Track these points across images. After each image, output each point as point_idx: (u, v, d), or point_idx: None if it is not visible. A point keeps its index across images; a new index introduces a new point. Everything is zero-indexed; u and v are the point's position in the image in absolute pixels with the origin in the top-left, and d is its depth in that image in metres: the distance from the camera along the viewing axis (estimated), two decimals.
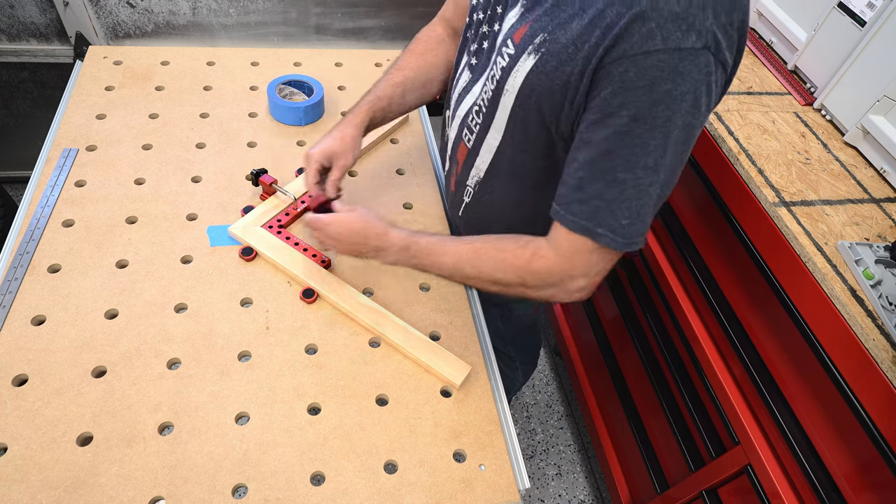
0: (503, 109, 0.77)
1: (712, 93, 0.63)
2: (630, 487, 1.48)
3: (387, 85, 0.98)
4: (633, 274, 1.42)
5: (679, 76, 0.59)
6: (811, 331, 0.91)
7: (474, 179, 0.91)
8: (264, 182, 1.05)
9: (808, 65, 1.27)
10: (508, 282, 0.77)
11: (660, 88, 0.60)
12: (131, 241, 0.98)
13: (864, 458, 0.85)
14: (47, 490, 0.71)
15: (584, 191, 0.68)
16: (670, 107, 0.61)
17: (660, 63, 0.59)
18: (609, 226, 0.68)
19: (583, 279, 0.73)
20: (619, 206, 0.67)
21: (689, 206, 1.23)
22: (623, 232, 0.68)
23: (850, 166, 1.10)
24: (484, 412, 0.86)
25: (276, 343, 0.89)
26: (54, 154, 1.09)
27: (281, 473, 0.76)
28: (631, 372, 1.45)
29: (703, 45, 0.59)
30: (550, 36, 0.66)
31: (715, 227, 1.15)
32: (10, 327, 0.85)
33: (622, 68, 0.60)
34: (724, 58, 0.62)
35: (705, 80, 0.61)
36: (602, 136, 0.65)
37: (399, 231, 0.83)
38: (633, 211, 0.67)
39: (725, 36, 0.61)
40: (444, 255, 0.80)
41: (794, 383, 0.97)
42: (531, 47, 0.69)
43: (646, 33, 0.58)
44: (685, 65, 0.59)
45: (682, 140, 0.65)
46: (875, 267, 0.89)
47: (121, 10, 1.44)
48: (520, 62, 0.70)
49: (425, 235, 0.83)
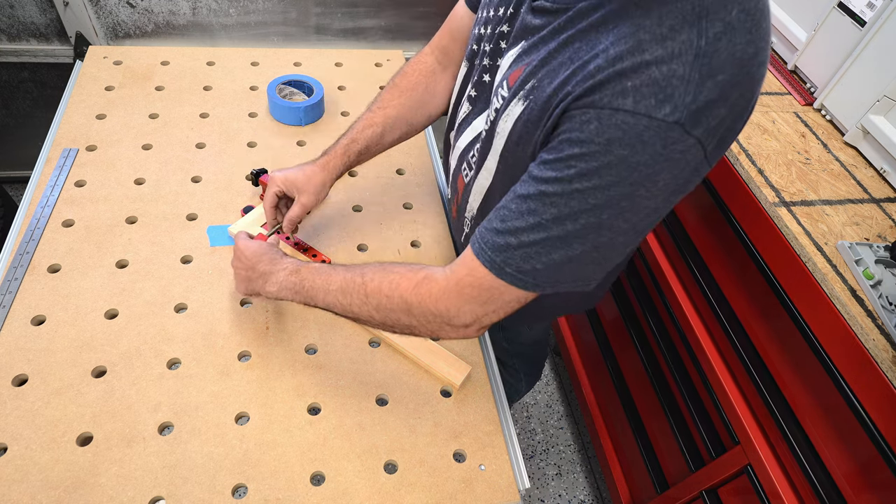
0: (494, 152, 0.74)
1: (678, 170, 0.56)
2: (630, 487, 1.48)
3: (365, 126, 0.95)
4: (633, 274, 1.42)
5: (640, 144, 0.54)
6: (811, 331, 0.91)
7: (470, 214, 0.88)
8: (264, 182, 1.05)
9: (808, 65, 1.27)
10: (393, 308, 0.71)
11: (615, 152, 0.55)
12: (131, 241, 0.98)
13: (864, 458, 0.85)
14: (47, 490, 0.71)
15: (505, 223, 0.63)
16: (620, 174, 0.56)
17: (623, 124, 0.54)
18: (517, 266, 0.63)
19: (470, 314, 0.67)
20: (535, 249, 0.62)
21: (689, 207, 1.23)
22: (534, 275, 0.63)
23: (850, 166, 1.10)
24: (484, 412, 0.86)
25: (276, 343, 0.89)
26: (54, 154, 1.09)
27: (281, 473, 0.76)
28: (631, 372, 1.45)
29: (675, 120, 0.53)
30: (539, 83, 0.63)
31: (715, 227, 1.15)
32: (10, 327, 0.85)
33: (585, 117, 0.56)
34: (702, 137, 0.55)
35: (670, 156, 0.55)
36: (544, 177, 0.60)
37: (294, 261, 0.81)
38: (550, 259, 0.62)
39: (707, 115, 0.54)
40: (334, 274, 0.76)
41: (794, 383, 0.97)
42: (522, 93, 0.66)
43: (619, 91, 0.54)
44: (649, 134, 0.54)
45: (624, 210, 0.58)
46: (875, 267, 0.89)
47: (121, 10, 1.44)
48: (510, 107, 0.68)
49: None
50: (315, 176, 0.92)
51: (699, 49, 0.53)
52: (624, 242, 0.63)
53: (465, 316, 0.68)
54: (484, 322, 0.69)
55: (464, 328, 0.69)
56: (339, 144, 0.95)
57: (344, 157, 0.95)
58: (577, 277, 0.64)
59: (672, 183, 0.58)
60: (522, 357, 1.30)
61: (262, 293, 0.82)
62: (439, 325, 0.70)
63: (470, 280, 0.66)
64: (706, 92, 0.53)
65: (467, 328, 0.69)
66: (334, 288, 0.75)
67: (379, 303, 0.71)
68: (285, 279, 0.79)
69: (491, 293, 0.66)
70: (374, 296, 0.72)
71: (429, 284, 0.68)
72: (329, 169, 0.94)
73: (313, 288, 0.77)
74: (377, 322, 0.74)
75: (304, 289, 0.78)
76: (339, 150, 0.94)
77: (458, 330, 0.70)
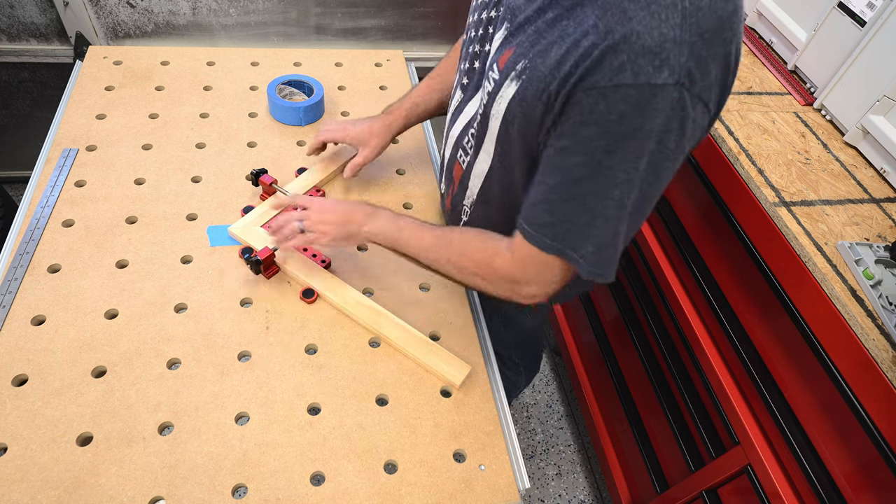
0: (491, 133, 0.76)
1: (686, 129, 0.61)
2: (630, 487, 1.48)
3: (427, 91, 1.04)
4: (633, 274, 1.42)
5: (650, 111, 0.58)
6: (811, 331, 0.91)
7: (469, 200, 0.90)
8: (264, 182, 1.05)
9: (808, 65, 1.27)
10: (471, 272, 0.79)
11: (630, 124, 0.59)
12: (131, 241, 0.98)
13: (864, 458, 0.85)
14: (47, 490, 0.71)
15: (554, 214, 0.67)
16: (639, 142, 0.60)
17: (629, 98, 0.57)
18: (578, 249, 0.68)
19: (535, 287, 0.75)
20: (588, 231, 0.66)
21: (689, 206, 1.23)
22: (589, 259, 0.68)
23: (850, 166, 1.10)
24: (484, 412, 0.86)
25: (276, 343, 0.89)
26: (54, 154, 1.09)
27: (281, 473, 0.76)
28: (631, 372, 1.45)
29: (675, 81, 0.57)
30: (531, 63, 0.65)
31: (715, 227, 1.15)
32: (10, 327, 0.85)
33: (592, 100, 0.59)
34: (700, 92, 0.59)
35: (678, 115, 0.59)
36: (572, 164, 0.64)
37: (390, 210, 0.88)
38: (599, 239, 0.67)
39: (702, 71, 0.58)
40: (426, 233, 0.83)
41: (794, 383, 0.97)
42: (513, 73, 0.68)
43: (617, 67, 0.57)
44: (656, 101, 0.57)
45: (650, 176, 0.63)
46: (875, 267, 0.89)
47: (121, 10, 1.44)
48: (503, 88, 0.70)
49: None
50: (380, 134, 1.03)
51: (684, 10, 0.56)
52: (651, 206, 0.69)
53: (532, 287, 0.75)
54: (549, 291, 0.76)
55: (532, 298, 0.77)
56: (402, 107, 1.04)
57: (406, 119, 1.04)
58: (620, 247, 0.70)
59: (683, 141, 0.62)
60: (521, 348, 1.31)
61: (359, 235, 0.86)
62: (508, 293, 0.78)
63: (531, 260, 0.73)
64: (698, 50, 0.57)
65: (535, 297, 0.77)
66: (426, 245, 0.82)
67: (461, 265, 0.80)
68: (386, 225, 0.85)
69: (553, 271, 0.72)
70: (455, 258, 0.80)
71: (499, 259, 0.76)
72: (392, 129, 1.04)
73: (409, 239, 0.83)
74: (456, 281, 0.83)
75: (401, 237, 0.84)
76: (403, 113, 1.03)
77: (525, 299, 0.77)
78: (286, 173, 1.13)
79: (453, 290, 1.00)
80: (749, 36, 1.41)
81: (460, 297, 1.00)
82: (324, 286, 0.95)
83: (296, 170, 1.14)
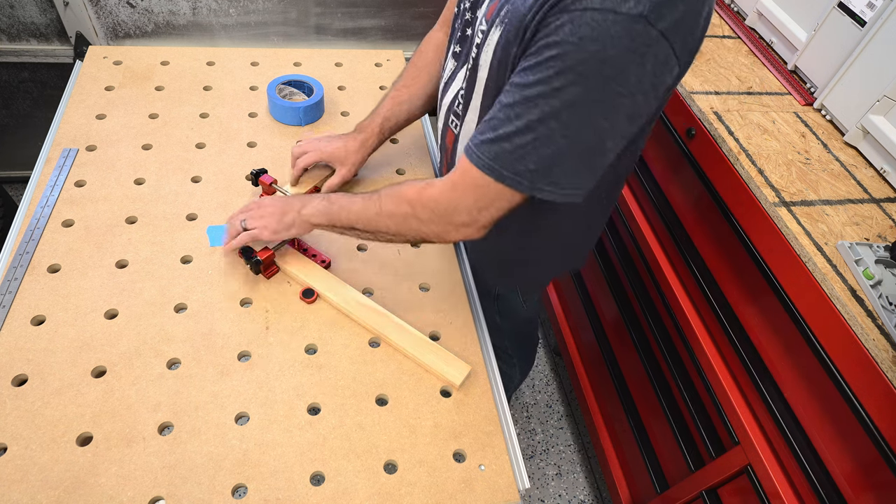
0: (479, 85, 0.78)
1: (646, 64, 0.61)
2: (630, 487, 1.48)
3: (394, 104, 1.05)
4: (633, 274, 1.42)
5: (609, 39, 0.59)
6: (811, 331, 0.91)
7: None
8: (264, 182, 1.05)
9: (808, 65, 1.27)
10: (403, 213, 0.80)
11: (588, 48, 0.60)
12: (131, 241, 0.98)
13: (864, 458, 0.85)
14: (47, 490, 0.71)
15: (496, 131, 0.68)
16: (594, 67, 0.61)
17: (592, 22, 0.59)
18: (514, 169, 0.68)
19: (466, 214, 0.75)
20: (527, 152, 0.67)
21: (689, 206, 1.23)
22: (529, 177, 0.68)
23: (850, 166, 1.10)
24: (484, 412, 0.86)
25: (276, 343, 0.89)
26: (54, 154, 1.09)
27: (281, 473, 0.76)
28: (631, 372, 1.45)
29: (639, 13, 0.58)
30: (512, 7, 0.68)
31: (715, 227, 1.15)
32: (10, 327, 0.85)
33: (558, 21, 0.61)
34: (665, 30, 0.60)
35: (639, 49, 0.60)
36: (525, 82, 0.65)
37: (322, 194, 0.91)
38: (542, 159, 0.67)
39: (669, 9, 0.59)
40: (356, 197, 0.85)
41: (793, 383, 0.97)
42: (497, 20, 0.70)
43: None
44: (616, 28, 0.58)
45: (602, 104, 0.64)
46: (875, 267, 0.89)
47: (121, 10, 1.44)
48: (489, 36, 0.72)
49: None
50: (356, 152, 1.05)
51: None
52: (608, 146, 0.68)
53: (462, 214, 0.75)
54: (481, 221, 0.76)
55: (465, 227, 0.77)
56: (374, 123, 1.05)
57: (380, 135, 1.06)
58: (568, 178, 0.70)
59: (645, 79, 0.63)
60: (516, 339, 1.32)
61: (297, 220, 0.89)
62: (443, 226, 0.78)
63: (463, 181, 0.73)
64: None
65: (468, 227, 0.77)
66: (356, 207, 0.84)
67: (391, 211, 0.80)
68: (318, 204, 0.88)
69: (485, 192, 0.72)
70: (386, 206, 0.81)
71: (429, 189, 0.77)
72: (367, 147, 1.06)
73: (340, 208, 0.85)
74: (393, 232, 0.82)
75: (332, 209, 0.86)
76: (375, 129, 1.05)
77: (459, 230, 0.77)
78: (286, 173, 1.13)
79: (453, 290, 1.00)
80: (749, 36, 1.41)
81: (460, 297, 1.00)
82: (324, 286, 0.95)
83: None
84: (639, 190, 1.42)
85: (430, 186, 0.77)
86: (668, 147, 1.28)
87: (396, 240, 0.85)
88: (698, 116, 1.17)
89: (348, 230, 0.87)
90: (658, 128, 1.31)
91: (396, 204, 0.80)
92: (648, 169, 1.38)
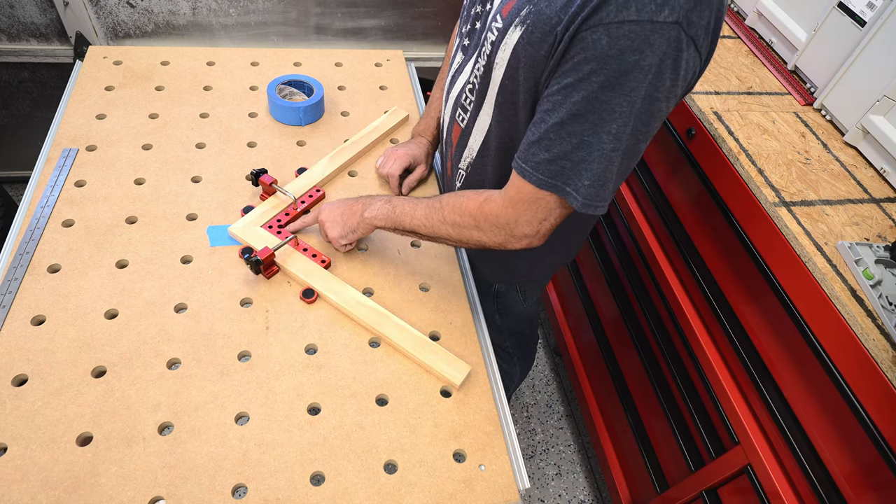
0: (493, 83, 0.79)
1: (680, 69, 0.64)
2: (630, 487, 1.48)
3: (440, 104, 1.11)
4: (633, 274, 1.42)
5: (648, 48, 0.61)
6: (811, 331, 0.91)
7: (466, 161, 0.93)
8: (264, 182, 1.05)
9: (808, 65, 1.27)
10: (466, 224, 0.83)
11: (629, 59, 0.62)
12: (131, 241, 0.98)
13: (864, 458, 0.85)
14: (47, 490, 0.71)
15: (551, 151, 0.70)
16: (637, 77, 0.63)
17: (631, 34, 0.61)
18: (574, 185, 0.71)
19: (528, 226, 0.78)
20: (584, 167, 0.69)
21: (689, 206, 1.23)
22: (585, 193, 0.71)
23: (850, 166, 1.10)
24: (484, 412, 0.86)
25: (276, 343, 0.89)
26: (54, 154, 1.09)
27: (281, 473, 0.76)
28: (631, 372, 1.45)
29: (674, 20, 0.60)
30: (535, 8, 0.69)
31: (715, 227, 1.15)
32: (10, 327, 0.85)
33: (595, 35, 0.62)
34: (695, 34, 0.63)
35: (673, 54, 0.63)
36: (572, 100, 0.67)
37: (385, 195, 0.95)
38: (595, 174, 0.70)
39: (698, 15, 0.62)
40: (419, 204, 0.88)
41: (793, 383, 0.97)
42: (518, 20, 0.71)
43: (622, 3, 0.60)
44: (655, 37, 0.61)
45: (644, 112, 0.66)
46: (875, 267, 0.89)
47: (121, 10, 1.44)
48: (507, 35, 0.73)
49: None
50: (430, 154, 1.16)
51: None
52: (641, 147, 0.72)
53: (524, 227, 0.78)
54: (542, 231, 0.78)
55: (526, 237, 0.79)
56: (430, 127, 1.14)
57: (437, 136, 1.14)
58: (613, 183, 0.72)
59: (677, 82, 0.66)
60: (516, 338, 1.32)
61: (361, 224, 0.93)
62: (505, 237, 0.80)
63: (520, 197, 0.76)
64: None
65: (530, 237, 0.79)
66: (420, 214, 0.87)
67: (455, 221, 0.83)
68: (381, 207, 0.91)
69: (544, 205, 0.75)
70: (449, 216, 0.84)
71: (489, 204, 0.79)
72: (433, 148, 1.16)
73: (403, 213, 0.89)
74: (455, 240, 0.86)
75: (395, 214, 0.89)
76: (434, 131, 1.14)
77: (521, 240, 0.80)
78: (286, 173, 1.13)
79: (453, 290, 1.00)
80: (749, 36, 1.41)
81: (460, 297, 1.00)
82: (324, 286, 0.95)
83: (296, 170, 1.14)
84: (639, 190, 1.42)
85: (490, 201, 0.79)
86: (668, 147, 1.28)
87: (456, 245, 0.88)
88: (698, 116, 1.17)
89: (409, 233, 0.90)
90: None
91: (460, 215, 0.83)
92: (648, 169, 1.38)
